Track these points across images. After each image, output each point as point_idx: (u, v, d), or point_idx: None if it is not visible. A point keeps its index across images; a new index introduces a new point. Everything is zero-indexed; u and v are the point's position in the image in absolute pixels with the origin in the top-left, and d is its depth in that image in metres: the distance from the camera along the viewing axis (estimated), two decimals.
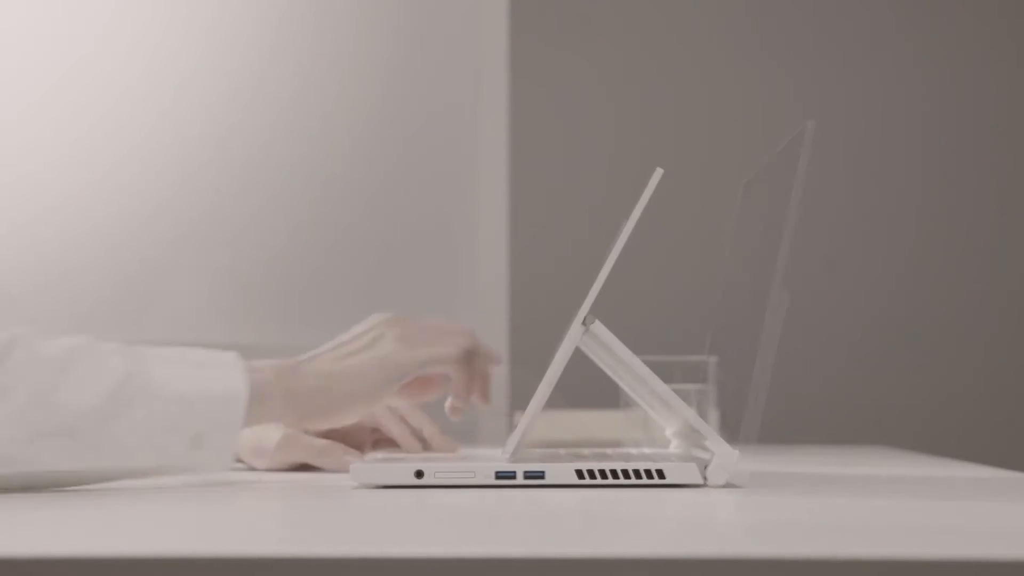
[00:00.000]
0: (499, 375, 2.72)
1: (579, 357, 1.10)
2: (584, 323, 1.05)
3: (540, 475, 0.99)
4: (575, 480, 0.98)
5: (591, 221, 2.63)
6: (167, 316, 2.78)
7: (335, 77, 2.80)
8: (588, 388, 1.90)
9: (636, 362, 1.03)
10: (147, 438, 1.02)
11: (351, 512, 0.84)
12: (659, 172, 1.08)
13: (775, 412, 2.63)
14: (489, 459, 1.06)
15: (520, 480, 0.99)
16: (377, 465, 1.00)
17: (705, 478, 0.99)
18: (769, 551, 0.61)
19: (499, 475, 0.99)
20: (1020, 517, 0.78)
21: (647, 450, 1.37)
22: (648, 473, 0.99)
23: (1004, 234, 2.68)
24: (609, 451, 1.26)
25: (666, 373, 1.54)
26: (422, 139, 2.77)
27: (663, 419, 1.26)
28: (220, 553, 0.61)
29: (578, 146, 2.72)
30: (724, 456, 1.00)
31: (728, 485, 1.00)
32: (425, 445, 1.43)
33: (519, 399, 2.67)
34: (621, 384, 1.25)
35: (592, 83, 2.74)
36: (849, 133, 2.69)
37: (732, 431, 1.03)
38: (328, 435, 1.36)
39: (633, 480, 0.98)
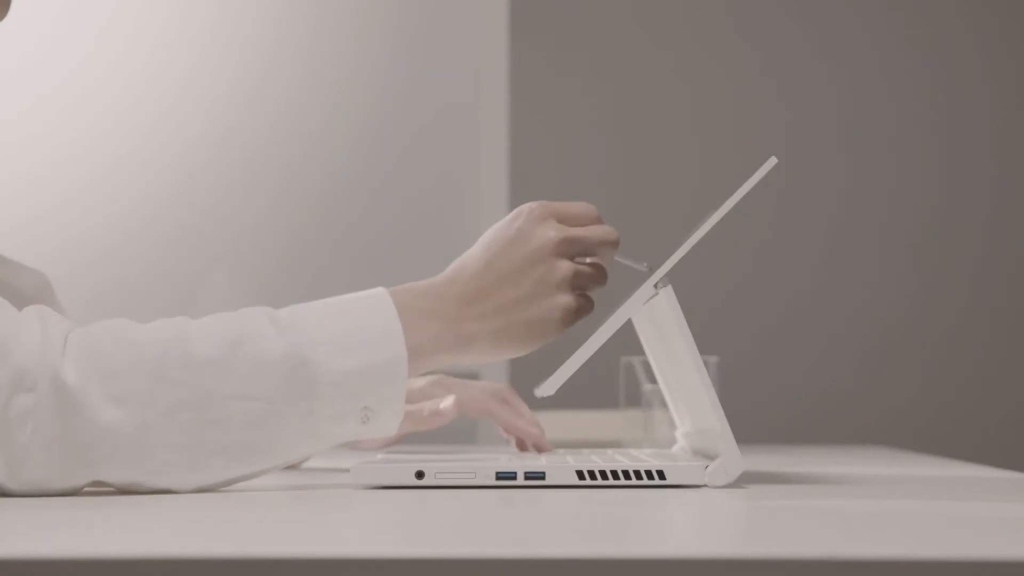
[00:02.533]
0: (499, 375, 2.72)
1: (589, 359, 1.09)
2: (656, 286, 1.04)
3: (541, 476, 0.99)
4: (576, 481, 0.98)
5: None
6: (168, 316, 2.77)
7: (336, 78, 2.80)
8: (588, 388, 1.90)
9: (690, 340, 1.01)
10: (315, 431, 0.99)
11: (352, 512, 0.84)
12: (772, 160, 1.07)
13: (775, 412, 2.63)
14: (490, 459, 1.06)
15: (521, 480, 0.99)
16: (378, 465, 1.00)
17: (706, 479, 0.99)
18: (769, 551, 0.61)
19: (500, 475, 0.99)
20: (1020, 517, 0.78)
21: (648, 450, 1.36)
22: (649, 474, 0.98)
23: (1004, 235, 2.68)
24: (611, 451, 1.26)
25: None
26: (423, 140, 2.77)
27: (678, 414, 1.25)
28: (220, 554, 0.61)
29: (578, 146, 2.72)
30: (731, 458, 1.00)
31: (728, 486, 1.00)
32: (538, 441, 1.44)
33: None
34: (654, 366, 1.23)
35: (592, 83, 2.74)
36: (849, 134, 2.69)
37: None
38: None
39: (634, 481, 0.98)
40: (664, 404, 1.44)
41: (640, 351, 1.27)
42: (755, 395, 2.62)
